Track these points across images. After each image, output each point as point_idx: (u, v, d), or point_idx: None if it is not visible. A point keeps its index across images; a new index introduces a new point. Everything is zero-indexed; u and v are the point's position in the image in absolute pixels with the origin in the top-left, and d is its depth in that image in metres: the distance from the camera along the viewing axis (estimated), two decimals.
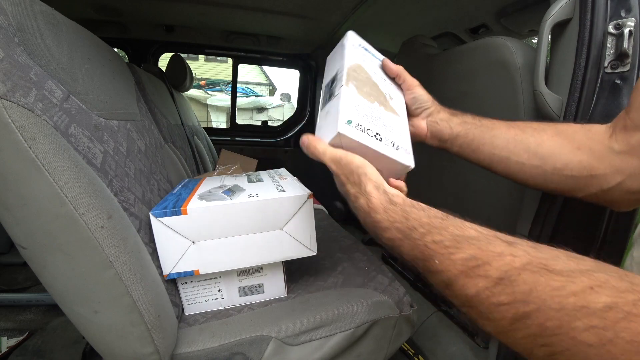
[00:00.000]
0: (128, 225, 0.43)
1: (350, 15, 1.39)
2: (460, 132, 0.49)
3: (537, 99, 0.55)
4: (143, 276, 0.41)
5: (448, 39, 1.55)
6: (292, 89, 5.81)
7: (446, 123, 0.50)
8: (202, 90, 6.52)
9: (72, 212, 0.34)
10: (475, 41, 0.73)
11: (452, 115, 0.50)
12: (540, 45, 0.54)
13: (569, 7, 0.53)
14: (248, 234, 0.51)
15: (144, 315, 0.40)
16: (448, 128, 0.49)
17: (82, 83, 0.45)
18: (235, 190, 0.55)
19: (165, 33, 1.65)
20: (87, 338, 0.41)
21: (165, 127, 1.00)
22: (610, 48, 0.49)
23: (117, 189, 0.44)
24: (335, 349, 0.54)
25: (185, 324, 0.53)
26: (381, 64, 0.51)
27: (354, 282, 0.64)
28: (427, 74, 0.92)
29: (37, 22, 0.38)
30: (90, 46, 0.52)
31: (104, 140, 0.45)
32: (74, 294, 0.38)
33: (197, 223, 0.49)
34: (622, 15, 0.49)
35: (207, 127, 2.07)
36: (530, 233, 0.59)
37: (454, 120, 0.50)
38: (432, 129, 0.51)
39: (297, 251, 0.54)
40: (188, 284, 0.54)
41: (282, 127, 2.24)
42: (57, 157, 0.33)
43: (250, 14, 1.43)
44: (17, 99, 0.31)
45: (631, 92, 0.48)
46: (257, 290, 0.58)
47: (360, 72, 0.45)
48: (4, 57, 0.31)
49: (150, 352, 0.42)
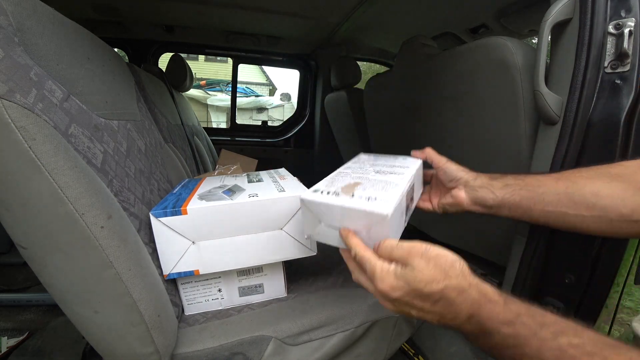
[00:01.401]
0: (128, 225, 0.43)
1: (350, 16, 1.39)
2: (505, 196, 0.47)
3: (537, 99, 0.55)
4: (143, 276, 0.41)
5: (448, 39, 1.55)
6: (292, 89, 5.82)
7: (487, 190, 0.48)
8: (202, 90, 6.52)
9: (72, 212, 0.34)
10: (475, 41, 0.73)
11: (492, 179, 0.49)
12: (540, 45, 0.54)
13: (569, 7, 0.53)
14: (248, 234, 0.51)
15: (144, 315, 0.40)
16: (490, 194, 0.48)
17: (82, 83, 0.45)
18: (235, 190, 0.55)
19: (165, 33, 1.65)
20: (87, 338, 0.41)
21: (165, 127, 1.00)
22: (610, 48, 0.49)
23: (117, 189, 0.44)
24: (335, 349, 0.54)
25: (185, 324, 0.53)
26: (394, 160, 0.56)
27: (354, 282, 0.64)
28: (427, 74, 0.92)
29: (37, 22, 0.38)
30: (90, 46, 0.52)
31: (104, 140, 0.45)
32: (74, 293, 0.38)
33: (197, 223, 0.49)
34: (622, 15, 0.49)
35: (207, 127, 2.07)
36: (530, 231, 0.59)
37: (495, 185, 0.48)
38: (471, 196, 0.50)
39: (297, 251, 0.54)
40: (188, 284, 0.54)
41: (282, 127, 2.24)
42: (57, 157, 0.33)
43: (250, 14, 1.43)
44: (17, 99, 0.31)
45: (631, 92, 0.48)
46: (257, 290, 0.58)
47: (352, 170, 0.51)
48: (4, 57, 0.31)
49: (150, 352, 0.42)
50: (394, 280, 0.32)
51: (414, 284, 0.31)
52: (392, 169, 0.50)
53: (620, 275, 0.51)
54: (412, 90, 1.00)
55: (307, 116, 2.15)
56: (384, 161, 0.55)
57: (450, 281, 0.30)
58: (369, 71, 4.73)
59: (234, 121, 2.14)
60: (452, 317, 0.31)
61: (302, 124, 2.15)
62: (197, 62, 7.87)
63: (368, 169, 0.50)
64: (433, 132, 0.95)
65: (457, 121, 0.84)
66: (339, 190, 0.41)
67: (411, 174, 0.47)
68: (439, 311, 0.31)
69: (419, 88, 0.96)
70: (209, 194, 0.54)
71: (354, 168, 0.51)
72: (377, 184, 0.42)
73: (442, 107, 0.88)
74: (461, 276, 0.31)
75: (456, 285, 0.30)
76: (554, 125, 0.55)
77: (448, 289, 0.30)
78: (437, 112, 0.91)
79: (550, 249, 0.56)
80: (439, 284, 0.30)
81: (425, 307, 0.32)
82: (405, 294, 0.31)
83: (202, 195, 0.53)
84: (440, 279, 0.30)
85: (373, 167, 0.51)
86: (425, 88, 0.93)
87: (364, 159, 0.58)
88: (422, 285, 0.30)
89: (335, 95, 1.70)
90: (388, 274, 0.32)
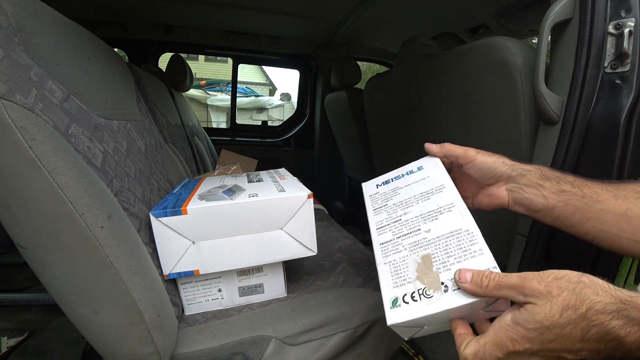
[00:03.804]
0: (128, 225, 0.43)
1: (350, 15, 1.39)
2: (557, 204, 0.40)
3: (537, 99, 0.55)
4: (143, 276, 0.41)
5: (448, 39, 1.55)
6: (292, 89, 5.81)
7: (537, 191, 0.41)
8: (202, 90, 6.51)
9: (72, 212, 0.34)
10: (475, 41, 0.73)
11: (544, 179, 0.41)
12: (540, 45, 0.54)
13: (569, 7, 0.53)
14: (248, 234, 0.51)
15: (144, 315, 0.40)
16: (541, 198, 0.41)
17: (82, 83, 0.45)
18: (235, 190, 0.55)
19: (165, 33, 1.65)
20: (87, 338, 0.41)
21: (165, 127, 1.00)
22: (610, 48, 0.49)
23: (117, 189, 0.44)
24: (335, 349, 0.54)
25: (185, 324, 0.53)
26: (412, 174, 0.47)
27: (354, 282, 0.64)
28: (427, 74, 0.92)
29: (37, 22, 0.38)
30: (90, 46, 0.52)
31: (104, 140, 0.45)
32: (74, 293, 0.38)
33: (197, 223, 0.49)
34: (622, 15, 0.49)
35: (207, 127, 2.07)
36: (530, 231, 0.59)
37: (547, 187, 0.41)
38: (516, 196, 0.43)
39: (297, 251, 0.54)
40: (188, 283, 0.54)
41: (282, 127, 2.24)
42: (57, 157, 0.33)
43: (250, 14, 1.43)
44: (17, 99, 0.31)
45: (631, 92, 0.48)
46: (257, 290, 0.58)
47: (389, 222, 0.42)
48: (4, 57, 0.31)
49: (150, 352, 0.42)
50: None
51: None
52: (431, 201, 0.41)
53: (620, 275, 0.51)
54: (412, 90, 1.00)
55: (307, 116, 2.15)
56: (405, 190, 0.45)
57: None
58: (369, 71, 4.74)
59: (234, 121, 2.14)
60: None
61: (302, 124, 2.15)
62: (197, 62, 7.86)
63: (408, 220, 0.41)
64: (433, 132, 0.95)
65: (457, 121, 0.84)
66: (419, 284, 0.34)
67: (454, 191, 0.41)
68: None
69: (419, 88, 0.96)
70: (209, 194, 0.54)
71: (389, 224, 0.41)
72: (449, 245, 0.35)
73: (442, 107, 0.88)
74: (610, 313, 0.25)
75: (618, 327, 0.25)
76: (554, 125, 0.55)
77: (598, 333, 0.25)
78: (437, 112, 0.91)
79: (550, 249, 0.56)
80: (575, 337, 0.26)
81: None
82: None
83: (202, 195, 0.53)
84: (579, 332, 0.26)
85: (408, 211, 0.42)
86: (425, 88, 0.94)
87: (382, 195, 0.47)
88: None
89: (335, 95, 1.70)
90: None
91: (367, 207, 0.46)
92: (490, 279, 0.30)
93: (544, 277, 0.28)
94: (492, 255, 0.33)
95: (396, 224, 0.41)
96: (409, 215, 0.41)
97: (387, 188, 0.48)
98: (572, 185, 0.40)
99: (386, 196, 0.46)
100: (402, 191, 0.45)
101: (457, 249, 0.35)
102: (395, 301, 0.34)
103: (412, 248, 0.37)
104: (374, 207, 0.46)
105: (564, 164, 0.53)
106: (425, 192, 0.43)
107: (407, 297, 0.33)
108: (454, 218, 0.38)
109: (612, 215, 0.38)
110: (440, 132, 0.91)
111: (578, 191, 0.40)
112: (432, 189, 0.43)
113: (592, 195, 0.39)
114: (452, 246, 0.35)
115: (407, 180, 0.47)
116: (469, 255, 0.34)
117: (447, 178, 0.43)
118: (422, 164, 0.47)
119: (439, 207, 0.40)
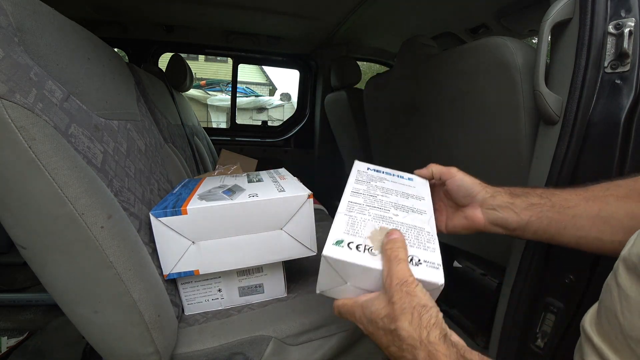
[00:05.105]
0: (128, 225, 0.43)
1: (350, 15, 1.39)
2: (531, 219, 0.41)
3: (537, 99, 0.55)
4: (143, 276, 0.41)
5: (448, 39, 1.55)
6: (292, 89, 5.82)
7: (509, 210, 0.43)
8: (202, 90, 6.52)
9: (72, 212, 0.34)
10: (475, 41, 0.73)
11: (513, 197, 0.43)
12: (540, 45, 0.54)
13: (569, 7, 0.53)
14: (248, 234, 0.51)
15: (144, 315, 0.40)
16: (514, 215, 0.42)
17: (82, 83, 0.45)
18: (235, 190, 0.55)
19: (165, 33, 1.65)
20: (87, 338, 0.41)
21: (165, 127, 1.00)
22: (610, 48, 0.49)
23: (117, 189, 0.44)
24: (335, 349, 0.54)
25: (185, 324, 0.53)
26: (401, 178, 0.50)
27: None
28: (427, 74, 0.92)
29: (37, 22, 0.38)
30: (90, 46, 0.52)
31: (104, 140, 0.45)
32: (74, 293, 0.38)
33: (197, 223, 0.49)
34: (622, 15, 0.49)
35: (207, 127, 2.07)
36: None
37: (517, 204, 0.42)
38: (491, 217, 0.44)
39: (297, 251, 0.54)
40: (188, 284, 0.54)
41: (282, 127, 2.24)
42: (57, 157, 0.33)
43: (250, 14, 1.43)
44: (17, 99, 0.31)
45: (631, 92, 0.48)
46: (257, 290, 0.58)
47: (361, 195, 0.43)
48: (4, 57, 0.31)
49: (150, 352, 0.42)
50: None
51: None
52: (409, 201, 0.44)
53: None
54: (412, 90, 1.00)
55: (307, 116, 2.15)
56: (391, 183, 0.48)
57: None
58: (369, 71, 4.74)
59: (234, 121, 2.14)
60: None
61: (302, 124, 2.15)
62: (197, 62, 7.87)
63: (383, 200, 0.43)
64: (433, 132, 0.95)
65: (457, 121, 0.84)
66: (369, 242, 0.35)
67: (430, 206, 0.43)
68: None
69: (419, 88, 0.96)
70: (209, 194, 0.54)
71: (365, 195, 0.43)
72: (408, 232, 0.37)
73: (442, 107, 0.88)
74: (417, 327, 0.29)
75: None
76: (554, 125, 0.55)
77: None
78: (437, 112, 0.91)
79: (550, 249, 0.56)
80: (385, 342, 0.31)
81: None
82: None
83: (202, 195, 0.53)
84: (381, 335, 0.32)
85: (386, 196, 0.44)
86: (425, 88, 0.93)
87: (369, 175, 0.49)
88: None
89: (335, 95, 1.70)
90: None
91: (350, 178, 0.48)
92: (401, 250, 0.33)
93: (405, 285, 0.30)
94: (441, 257, 0.35)
95: (371, 197, 0.43)
96: (385, 199, 0.43)
97: (377, 174, 0.50)
98: (540, 197, 0.41)
99: (372, 178, 0.48)
100: (388, 183, 0.48)
101: (415, 239, 0.37)
102: (340, 242, 0.35)
103: (376, 219, 0.39)
104: (357, 179, 0.47)
105: (564, 164, 0.53)
106: (407, 194, 0.46)
107: (352, 244, 0.35)
108: (422, 220, 0.40)
109: (586, 219, 0.38)
110: (440, 132, 0.91)
111: (547, 201, 0.41)
112: (414, 195, 0.46)
113: (561, 202, 0.40)
114: (411, 235, 0.37)
115: (395, 179, 0.50)
116: (422, 247, 0.36)
117: (429, 197, 0.46)
118: (413, 177, 0.51)
119: (413, 207, 0.42)
